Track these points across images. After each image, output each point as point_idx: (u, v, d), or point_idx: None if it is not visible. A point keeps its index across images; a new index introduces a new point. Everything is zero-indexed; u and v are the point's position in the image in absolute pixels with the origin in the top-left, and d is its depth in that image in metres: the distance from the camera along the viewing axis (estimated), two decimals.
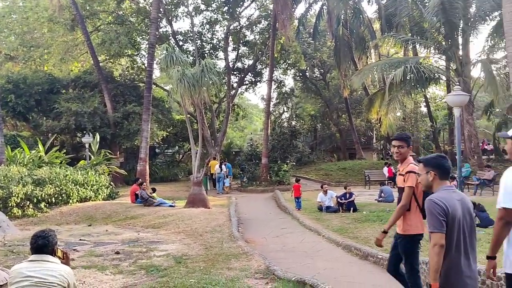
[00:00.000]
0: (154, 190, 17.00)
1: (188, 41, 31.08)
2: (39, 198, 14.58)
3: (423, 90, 26.47)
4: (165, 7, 28.23)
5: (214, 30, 31.63)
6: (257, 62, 32.32)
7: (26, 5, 30.76)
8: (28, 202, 14.30)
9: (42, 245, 3.84)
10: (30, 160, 18.36)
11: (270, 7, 28.50)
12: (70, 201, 15.83)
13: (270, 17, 27.37)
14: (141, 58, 31.70)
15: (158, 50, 24.67)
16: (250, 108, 52.41)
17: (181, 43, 30.60)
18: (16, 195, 13.85)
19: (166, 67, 15.53)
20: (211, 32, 31.67)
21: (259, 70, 33.17)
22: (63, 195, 15.67)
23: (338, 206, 14.71)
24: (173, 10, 29.56)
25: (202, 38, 31.39)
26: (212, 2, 29.32)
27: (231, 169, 25.17)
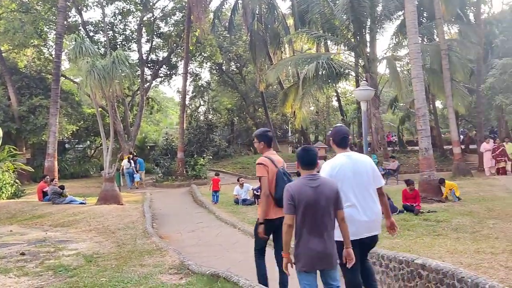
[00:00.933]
0: (62, 188, 16.19)
1: (99, 31, 30.03)
2: None
3: (334, 85, 27.56)
4: None
5: (126, 21, 30.76)
6: (172, 55, 31.88)
7: None
8: None
9: None
10: None
11: None
12: None
13: (185, 9, 26.97)
14: (48, 49, 29.96)
15: (66, 41, 23.48)
16: (165, 101, 51.63)
17: (91, 34, 29.45)
18: None
19: (75, 58, 15.01)
20: (124, 23, 30.76)
21: (174, 63, 32.78)
22: None
23: (254, 198, 14.88)
24: None
25: (114, 29, 30.37)
26: None
27: (143, 164, 24.73)
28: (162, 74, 33.36)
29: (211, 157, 26.92)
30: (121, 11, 29.86)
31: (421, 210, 11.01)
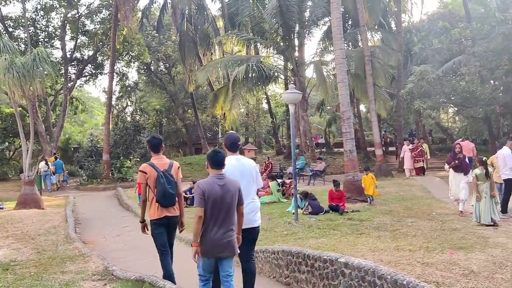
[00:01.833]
0: None
1: (19, 27, 28.55)
2: None
3: (264, 87, 27.84)
4: None
5: (49, 17, 29.50)
6: (97, 53, 30.89)
7: None
8: None
9: None
10: None
11: None
12: None
13: (112, 7, 26.18)
14: None
15: None
16: (90, 101, 49.95)
17: (11, 30, 27.93)
18: None
19: None
20: (46, 19, 29.48)
21: (100, 62, 31.74)
22: None
23: (184, 200, 14.73)
24: None
25: (35, 25, 28.96)
26: None
27: (62, 165, 23.87)
28: (87, 73, 32.26)
29: (139, 159, 26.31)
30: (43, 7, 28.60)
31: (345, 210, 11.39)
